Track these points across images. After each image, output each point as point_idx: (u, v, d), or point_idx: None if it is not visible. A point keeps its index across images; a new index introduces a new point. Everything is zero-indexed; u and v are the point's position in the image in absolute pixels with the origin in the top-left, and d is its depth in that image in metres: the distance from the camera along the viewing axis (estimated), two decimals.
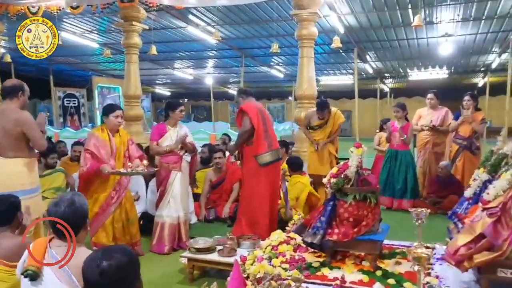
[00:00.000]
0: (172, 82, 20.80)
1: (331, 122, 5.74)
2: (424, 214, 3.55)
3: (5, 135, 3.45)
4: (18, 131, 3.44)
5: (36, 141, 3.52)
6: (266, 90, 21.66)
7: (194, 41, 11.71)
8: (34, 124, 3.52)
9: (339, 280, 2.91)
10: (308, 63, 6.50)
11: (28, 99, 3.67)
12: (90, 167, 3.84)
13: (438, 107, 6.25)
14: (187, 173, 4.48)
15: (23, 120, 3.46)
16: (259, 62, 14.68)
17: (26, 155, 3.53)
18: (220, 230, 4.67)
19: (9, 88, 3.58)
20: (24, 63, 15.57)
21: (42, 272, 2.02)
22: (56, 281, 2.00)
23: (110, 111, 4.07)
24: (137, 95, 7.66)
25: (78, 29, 11.14)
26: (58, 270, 2.02)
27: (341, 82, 18.06)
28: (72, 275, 1.93)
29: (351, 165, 3.22)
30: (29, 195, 3.47)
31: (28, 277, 2.03)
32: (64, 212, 2.10)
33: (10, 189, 3.24)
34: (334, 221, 3.23)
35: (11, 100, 3.52)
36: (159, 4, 7.13)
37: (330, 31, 9.77)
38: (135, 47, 7.54)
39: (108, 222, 3.98)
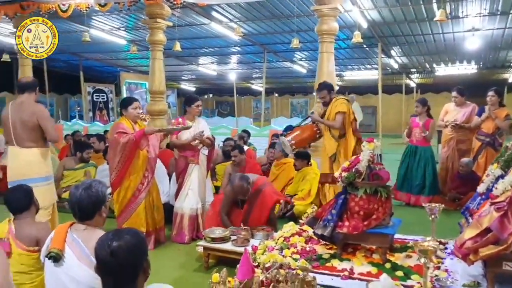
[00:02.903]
0: (196, 78, 21.06)
1: (329, 109, 4.93)
2: (438, 209, 3.60)
3: (22, 125, 3.75)
4: (34, 122, 3.73)
5: (50, 132, 3.80)
6: (289, 85, 21.65)
7: (217, 37, 11.84)
8: (49, 117, 3.85)
9: (348, 271, 2.99)
10: (328, 58, 6.51)
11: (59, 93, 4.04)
12: (137, 136, 4.04)
13: (466, 103, 6.16)
14: (205, 166, 4.63)
15: (39, 112, 3.76)
16: (282, 58, 14.70)
17: (41, 145, 3.82)
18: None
19: (29, 83, 3.92)
20: (55, 59, 16.10)
21: (64, 253, 2.19)
22: (76, 262, 2.17)
23: (128, 104, 4.26)
24: (161, 91, 7.84)
25: (106, 26, 11.43)
26: (78, 252, 2.18)
27: (366, 77, 17.87)
28: (90, 255, 2.08)
29: (362, 160, 3.28)
30: (44, 182, 3.81)
31: (51, 259, 2.20)
32: (80, 195, 2.28)
33: (26, 176, 3.65)
34: (345, 214, 3.31)
35: (29, 94, 3.84)
36: (183, 1, 7.30)
37: (353, 25, 9.71)
38: (160, 43, 7.71)
39: (141, 208, 4.16)
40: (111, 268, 1.52)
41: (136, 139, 4.04)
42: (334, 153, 4.85)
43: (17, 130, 3.77)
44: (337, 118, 4.75)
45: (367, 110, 20.05)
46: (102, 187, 2.45)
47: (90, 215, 2.36)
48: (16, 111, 3.77)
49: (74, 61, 16.41)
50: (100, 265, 1.55)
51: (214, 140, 4.67)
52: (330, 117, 4.84)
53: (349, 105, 4.88)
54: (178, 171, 4.56)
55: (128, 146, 4.04)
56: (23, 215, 2.89)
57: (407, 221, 4.72)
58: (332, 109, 4.85)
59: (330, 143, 4.89)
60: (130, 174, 4.09)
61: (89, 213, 2.36)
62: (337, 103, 4.84)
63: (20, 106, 3.78)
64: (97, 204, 2.38)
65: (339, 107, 4.79)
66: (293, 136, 4.83)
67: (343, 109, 4.76)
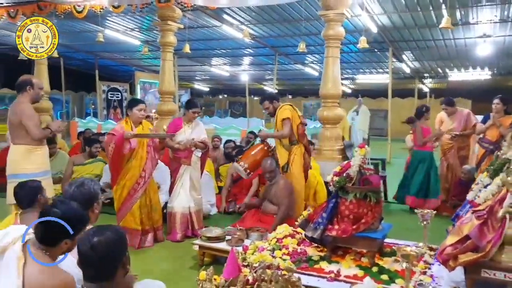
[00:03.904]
0: (210, 78, 21.28)
1: (275, 118, 4.89)
2: (430, 215, 3.67)
3: (10, 124, 4.04)
4: (17, 121, 3.97)
5: (30, 130, 3.99)
6: (301, 88, 21.70)
7: (229, 39, 12.00)
8: (30, 115, 4.00)
9: (334, 273, 3.07)
10: (334, 63, 6.56)
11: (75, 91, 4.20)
12: (117, 138, 4.16)
13: (457, 109, 6.26)
14: (198, 167, 4.77)
15: (21, 112, 3.98)
16: (293, 60, 14.80)
17: (27, 143, 4.03)
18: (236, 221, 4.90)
19: (19, 83, 4.10)
20: (72, 58, 16.47)
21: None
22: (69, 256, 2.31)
23: (134, 105, 4.41)
24: (171, 91, 7.99)
25: (121, 26, 11.68)
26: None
27: (378, 81, 17.84)
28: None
29: (353, 165, 3.36)
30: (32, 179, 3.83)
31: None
32: (73, 191, 2.44)
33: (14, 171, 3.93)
34: (335, 218, 3.38)
35: (22, 94, 4.06)
36: (193, 4, 7.44)
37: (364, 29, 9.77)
38: (170, 45, 7.86)
39: (136, 207, 4.31)
40: (91, 261, 1.64)
41: (116, 143, 4.17)
42: (286, 163, 4.78)
43: (10, 128, 4.08)
44: (283, 125, 4.73)
45: (379, 114, 19.98)
46: (94, 185, 2.60)
47: None
48: (10, 110, 4.10)
49: (90, 60, 16.75)
50: (81, 258, 1.67)
51: (208, 143, 4.81)
52: (278, 125, 4.84)
53: (294, 111, 4.84)
54: (171, 171, 4.72)
55: (112, 149, 4.19)
56: (28, 210, 3.05)
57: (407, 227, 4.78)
58: (278, 117, 4.83)
59: (280, 153, 4.82)
60: (126, 173, 4.24)
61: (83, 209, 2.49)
62: (281, 111, 4.81)
63: (12, 106, 4.10)
64: (89, 200, 2.52)
65: (282, 113, 4.77)
66: (245, 161, 4.74)
67: (287, 115, 4.72)
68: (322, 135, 6.78)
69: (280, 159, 4.79)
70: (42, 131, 4.12)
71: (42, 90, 4.26)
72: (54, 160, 6.29)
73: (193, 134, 4.64)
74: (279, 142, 4.86)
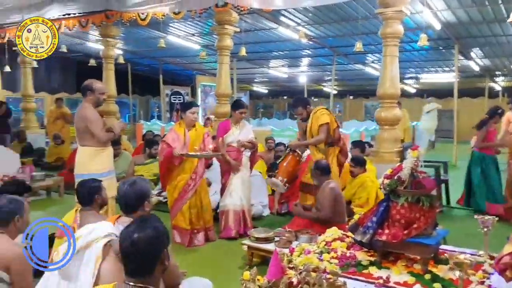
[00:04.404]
0: (268, 80, 21.40)
1: (310, 123, 4.83)
2: (491, 222, 3.44)
3: (76, 128, 4.21)
4: (82, 125, 4.13)
5: (95, 134, 4.13)
6: (362, 88, 21.16)
7: (286, 41, 12.00)
8: (95, 120, 4.14)
9: (383, 280, 2.97)
10: (392, 62, 6.35)
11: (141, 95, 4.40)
12: (166, 153, 4.37)
13: None
14: (247, 167, 4.82)
15: (84, 117, 4.13)
16: (353, 60, 14.48)
17: (92, 145, 4.18)
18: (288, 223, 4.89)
19: (82, 88, 4.28)
20: (138, 64, 17.34)
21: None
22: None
23: (188, 108, 4.57)
24: (227, 94, 8.14)
25: (182, 32, 12.11)
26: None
27: (444, 80, 16.96)
28: None
29: (405, 167, 3.23)
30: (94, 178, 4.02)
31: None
32: (126, 190, 2.55)
33: (81, 171, 4.10)
34: (386, 222, 3.27)
35: (84, 99, 4.24)
36: (249, 7, 7.56)
37: (427, 27, 9.36)
38: (227, 49, 8.03)
39: (185, 208, 4.46)
40: (132, 256, 1.72)
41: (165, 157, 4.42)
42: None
43: (76, 131, 4.27)
44: (321, 130, 4.67)
45: (446, 115, 18.98)
46: (146, 184, 2.71)
47: (134, 209, 2.62)
48: (75, 114, 4.32)
49: (155, 65, 17.51)
50: (122, 253, 1.76)
51: (256, 143, 4.85)
52: (313, 130, 4.76)
53: (330, 114, 4.76)
54: (222, 172, 4.81)
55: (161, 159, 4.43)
56: (86, 208, 3.25)
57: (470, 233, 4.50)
58: (313, 122, 4.76)
59: (317, 157, 4.73)
60: (177, 176, 4.40)
61: (133, 207, 2.62)
62: (318, 115, 4.74)
63: (77, 110, 4.32)
64: (140, 198, 2.63)
65: (321, 118, 4.71)
66: (282, 175, 4.70)
67: (326, 120, 4.69)
68: (379, 137, 6.57)
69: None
70: (106, 134, 4.23)
71: (104, 95, 4.34)
72: (118, 161, 6.67)
73: (241, 135, 4.72)
74: (314, 146, 4.83)
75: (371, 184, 5.27)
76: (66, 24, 8.59)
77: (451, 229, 4.76)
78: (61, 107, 11.02)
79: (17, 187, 3.33)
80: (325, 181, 4.40)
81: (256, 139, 5.07)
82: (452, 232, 4.62)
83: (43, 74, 16.18)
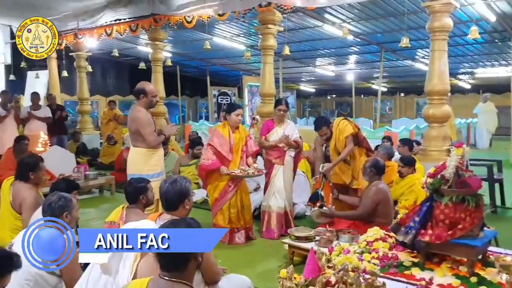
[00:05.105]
0: (315, 79, 21.20)
1: (334, 136, 4.72)
2: None
3: (129, 129, 4.30)
4: (134, 127, 4.18)
5: (145, 138, 4.15)
6: (414, 84, 20.44)
7: (332, 38, 11.85)
8: (146, 124, 4.15)
9: (425, 281, 2.88)
10: (440, 57, 6.15)
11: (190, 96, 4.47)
12: (213, 165, 4.45)
13: None
14: (291, 167, 4.81)
15: (135, 118, 4.17)
16: (401, 56, 14.04)
17: (144, 146, 4.21)
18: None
19: (135, 91, 4.31)
20: (186, 66, 17.78)
21: None
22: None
23: (232, 110, 4.64)
24: (271, 93, 8.18)
25: (227, 33, 12.29)
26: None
27: (502, 75, 16.04)
28: None
29: (449, 166, 3.11)
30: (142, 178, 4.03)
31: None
32: (167, 188, 2.66)
33: (133, 172, 4.12)
34: (429, 222, 3.16)
35: (137, 100, 4.28)
36: (293, 6, 7.55)
37: (481, 19, 8.92)
38: (271, 48, 8.07)
39: (225, 207, 4.54)
40: (166, 252, 1.79)
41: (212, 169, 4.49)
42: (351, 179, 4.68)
43: (129, 132, 4.38)
44: (348, 142, 4.58)
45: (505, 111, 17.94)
46: (186, 182, 2.80)
47: (175, 206, 2.72)
48: (128, 117, 4.38)
49: (203, 67, 17.87)
50: None
51: (300, 142, 4.82)
52: (340, 144, 4.65)
53: (351, 123, 4.64)
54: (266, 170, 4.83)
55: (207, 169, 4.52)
56: (132, 206, 3.39)
57: None
58: (338, 135, 4.64)
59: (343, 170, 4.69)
60: (219, 176, 4.48)
61: (174, 204, 2.72)
62: (341, 128, 4.63)
63: (130, 113, 4.37)
64: (180, 196, 2.72)
65: (345, 130, 4.59)
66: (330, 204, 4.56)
67: (350, 131, 4.58)
68: (428, 135, 6.37)
69: (344, 177, 4.67)
70: (157, 138, 4.24)
71: (156, 97, 4.35)
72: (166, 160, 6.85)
73: (285, 134, 4.71)
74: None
75: (418, 184, 5.09)
76: (117, 29, 8.99)
77: (506, 231, 4.54)
78: (113, 109, 11.52)
79: (66, 184, 3.51)
80: (376, 181, 4.32)
81: (301, 139, 5.06)
82: (507, 235, 4.41)
83: (98, 78, 17.02)
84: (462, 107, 16.52)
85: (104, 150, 10.19)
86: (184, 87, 18.41)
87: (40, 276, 2.46)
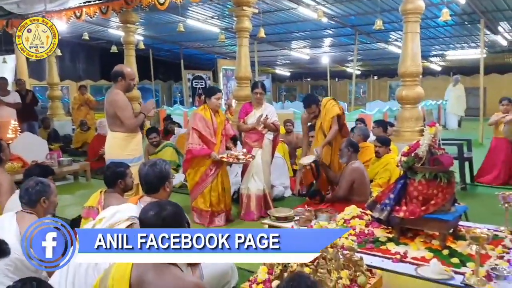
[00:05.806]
0: (290, 62, 21.22)
1: (321, 115, 4.82)
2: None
3: (106, 114, 4.13)
4: (111, 110, 4.05)
5: (124, 121, 4.04)
6: (387, 67, 20.75)
7: (307, 21, 11.85)
8: (124, 107, 4.02)
9: (400, 255, 2.99)
10: (413, 39, 6.24)
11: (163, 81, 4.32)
12: (203, 150, 4.44)
13: None
14: (269, 150, 4.85)
15: (113, 102, 4.03)
16: (375, 39, 14.20)
17: (122, 131, 4.09)
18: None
19: (112, 74, 4.15)
20: (159, 49, 17.44)
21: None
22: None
23: (212, 93, 4.61)
24: (247, 77, 8.12)
25: (201, 15, 12.11)
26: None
27: (471, 57, 16.46)
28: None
29: (422, 144, 3.21)
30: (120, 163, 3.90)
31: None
32: (147, 171, 2.66)
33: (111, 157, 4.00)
34: (403, 199, 3.28)
35: (115, 83, 4.13)
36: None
37: (451, 1, 9.08)
38: (246, 30, 7.97)
39: (206, 191, 4.55)
40: None
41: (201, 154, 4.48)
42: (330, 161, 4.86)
43: (106, 117, 4.19)
44: (333, 122, 4.72)
45: (474, 92, 18.47)
46: (166, 165, 2.79)
47: (155, 189, 2.72)
48: (105, 100, 4.18)
49: (176, 50, 17.57)
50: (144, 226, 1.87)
51: (279, 126, 4.86)
52: (325, 124, 4.78)
53: (337, 103, 4.79)
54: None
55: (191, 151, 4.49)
56: (110, 191, 3.36)
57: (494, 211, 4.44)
58: (326, 115, 4.77)
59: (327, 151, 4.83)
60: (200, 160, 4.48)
61: (154, 187, 2.71)
62: (328, 107, 4.76)
63: (106, 96, 4.19)
64: (161, 179, 2.72)
65: (333, 110, 4.73)
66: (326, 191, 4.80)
67: (337, 112, 4.73)
68: (401, 116, 6.50)
69: (325, 158, 4.81)
70: (135, 120, 4.13)
71: (134, 80, 4.22)
72: None
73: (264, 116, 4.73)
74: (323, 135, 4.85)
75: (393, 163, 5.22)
76: (87, 12, 8.72)
77: (475, 206, 4.73)
78: (84, 94, 11.29)
79: (41, 170, 3.44)
80: (353, 159, 4.46)
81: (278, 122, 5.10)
82: (476, 210, 4.60)
83: (68, 62, 16.52)
84: (433, 89, 16.91)
85: (77, 136, 9.99)
86: (158, 71, 18.10)
87: (20, 261, 2.44)
